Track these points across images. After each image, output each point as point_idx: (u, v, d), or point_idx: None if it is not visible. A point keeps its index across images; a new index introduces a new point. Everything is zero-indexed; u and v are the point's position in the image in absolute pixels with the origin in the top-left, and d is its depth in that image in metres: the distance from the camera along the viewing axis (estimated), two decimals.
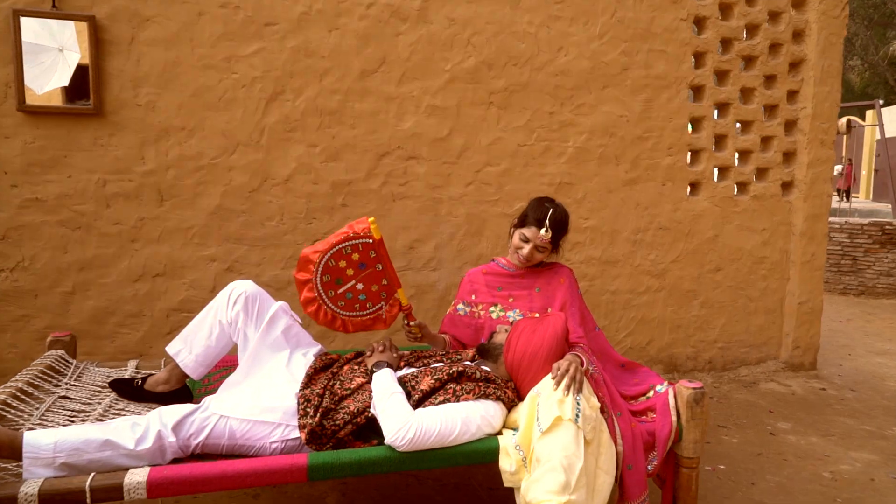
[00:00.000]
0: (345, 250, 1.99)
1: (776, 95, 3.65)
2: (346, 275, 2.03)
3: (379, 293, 2.10)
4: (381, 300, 2.11)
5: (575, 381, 1.69)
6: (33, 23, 2.52)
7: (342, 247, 1.99)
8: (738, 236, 3.69)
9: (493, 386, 1.80)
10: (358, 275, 2.04)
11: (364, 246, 2.00)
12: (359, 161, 2.97)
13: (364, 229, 1.98)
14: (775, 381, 3.74)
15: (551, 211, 2.00)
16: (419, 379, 1.84)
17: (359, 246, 1.99)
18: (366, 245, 2.00)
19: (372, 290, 2.08)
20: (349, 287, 2.04)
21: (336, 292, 2.04)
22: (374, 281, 2.07)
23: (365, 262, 2.02)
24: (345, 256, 2.00)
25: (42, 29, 2.53)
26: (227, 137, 2.80)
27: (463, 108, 3.09)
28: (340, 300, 2.06)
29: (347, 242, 1.98)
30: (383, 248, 2.01)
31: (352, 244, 1.99)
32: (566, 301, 2.08)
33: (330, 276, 2.02)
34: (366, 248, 2.00)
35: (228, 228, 2.84)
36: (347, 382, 1.86)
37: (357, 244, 1.99)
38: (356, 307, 2.09)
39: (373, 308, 2.13)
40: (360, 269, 2.03)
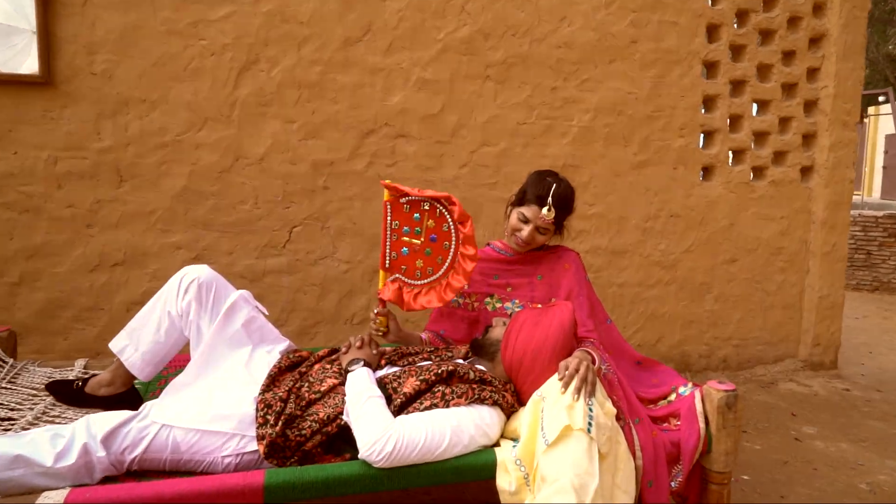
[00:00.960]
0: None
1: (795, 73, 3.38)
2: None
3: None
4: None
5: (586, 383, 1.41)
6: (4, 3, 2.27)
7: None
8: (755, 225, 3.41)
9: (489, 388, 1.52)
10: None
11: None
12: (341, 139, 2.69)
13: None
14: (794, 380, 3.47)
15: (554, 186, 1.72)
16: (402, 380, 1.57)
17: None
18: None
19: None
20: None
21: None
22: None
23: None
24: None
25: (16, 11, 2.27)
26: (194, 111, 2.52)
27: (457, 82, 2.81)
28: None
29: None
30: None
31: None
32: (573, 289, 1.81)
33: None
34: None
35: (196, 212, 2.56)
36: (317, 384, 1.58)
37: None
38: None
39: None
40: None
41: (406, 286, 1.78)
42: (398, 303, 1.78)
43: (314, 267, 2.72)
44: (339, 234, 2.74)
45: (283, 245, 2.68)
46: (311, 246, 2.71)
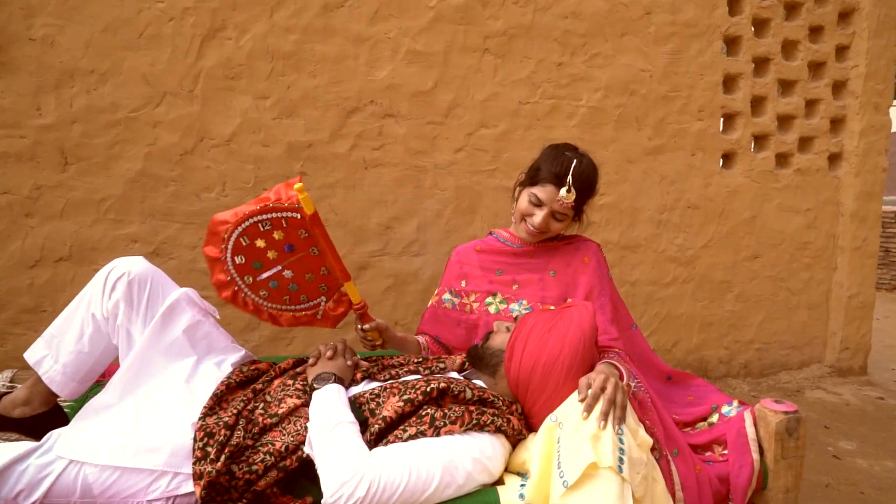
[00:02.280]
0: (262, 225, 1.37)
1: (823, 50, 3.08)
2: (268, 258, 1.42)
3: (317, 285, 1.49)
4: (321, 294, 1.51)
5: (615, 406, 1.10)
6: None
7: (258, 220, 1.36)
8: (779, 217, 3.11)
9: (490, 411, 1.21)
10: (284, 259, 1.42)
11: (290, 222, 1.37)
12: (321, 118, 2.38)
13: (291, 199, 1.35)
14: (822, 388, 3.17)
15: (575, 163, 1.41)
16: (382, 400, 1.25)
17: (282, 221, 1.37)
18: (292, 221, 1.37)
19: (306, 280, 1.47)
20: (273, 274, 1.44)
21: (255, 279, 1.43)
22: (308, 269, 1.46)
23: (293, 243, 1.41)
24: (262, 234, 1.38)
25: None
26: (151, 84, 2.20)
27: (451, 55, 2.50)
28: (262, 288, 1.46)
29: (266, 216, 1.36)
30: (319, 226, 1.38)
31: (272, 218, 1.36)
32: (593, 288, 1.49)
33: (245, 258, 1.42)
34: (293, 224, 1.38)
35: (154, 200, 2.24)
36: (274, 405, 1.26)
37: (280, 219, 1.37)
38: (285, 299, 1.49)
39: (309, 303, 1.52)
40: (287, 251, 1.42)
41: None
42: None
43: None
44: None
45: None
46: None
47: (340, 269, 1.43)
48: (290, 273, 1.44)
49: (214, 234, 1.39)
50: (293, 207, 1.34)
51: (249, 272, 1.43)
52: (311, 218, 1.35)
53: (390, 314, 2.54)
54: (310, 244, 1.41)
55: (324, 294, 1.51)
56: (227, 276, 1.43)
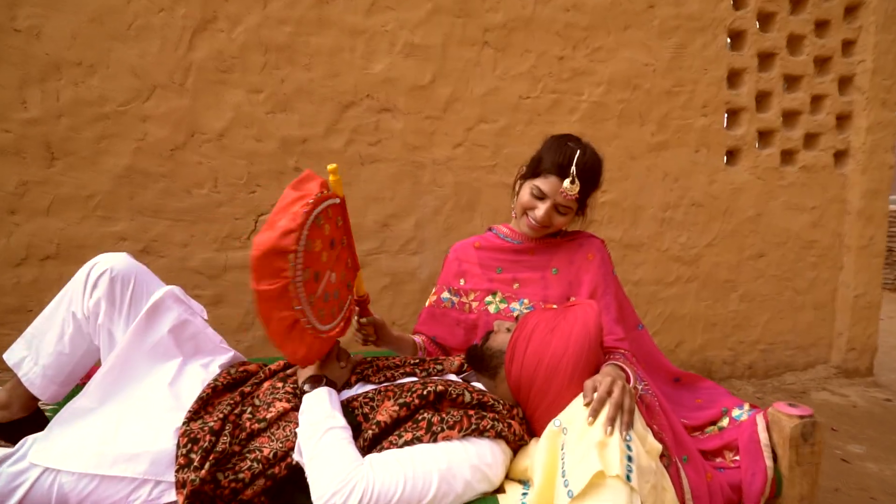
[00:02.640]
0: (317, 222, 1.12)
1: (829, 45, 3.01)
2: (321, 262, 1.15)
3: (345, 283, 1.30)
4: (349, 291, 1.34)
5: (622, 411, 1.04)
6: None
7: (316, 215, 1.10)
8: (784, 215, 3.05)
9: (490, 415, 1.15)
10: (332, 260, 1.20)
11: (332, 211, 1.18)
12: (316, 112, 2.31)
13: (324, 185, 1.16)
14: (828, 389, 3.11)
15: (579, 153, 1.35)
16: (376, 403, 1.19)
17: (328, 212, 1.16)
18: (333, 210, 1.19)
19: (341, 281, 1.26)
20: (326, 282, 1.17)
21: (316, 294, 1.14)
22: (341, 265, 1.26)
23: (335, 236, 1.21)
24: (317, 231, 1.12)
25: None
26: (140, 77, 2.13)
27: (450, 48, 2.44)
28: (321, 308, 1.17)
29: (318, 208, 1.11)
30: (346, 211, 1.26)
31: (322, 209, 1.13)
32: (597, 286, 1.43)
33: (310, 271, 1.11)
34: (333, 214, 1.19)
35: (143, 197, 2.18)
36: (263, 409, 1.20)
37: (325, 210, 1.14)
38: (333, 312, 1.23)
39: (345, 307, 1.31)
40: (332, 247, 1.19)
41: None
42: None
43: None
44: None
45: (248, 236, 2.29)
46: None
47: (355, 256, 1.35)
48: (334, 276, 1.22)
49: (278, 255, 1.04)
50: (332, 193, 1.18)
51: (312, 288, 1.12)
52: (343, 202, 1.24)
53: (387, 314, 2.47)
54: (343, 234, 1.26)
55: (350, 291, 1.34)
56: (292, 310, 1.08)
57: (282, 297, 1.05)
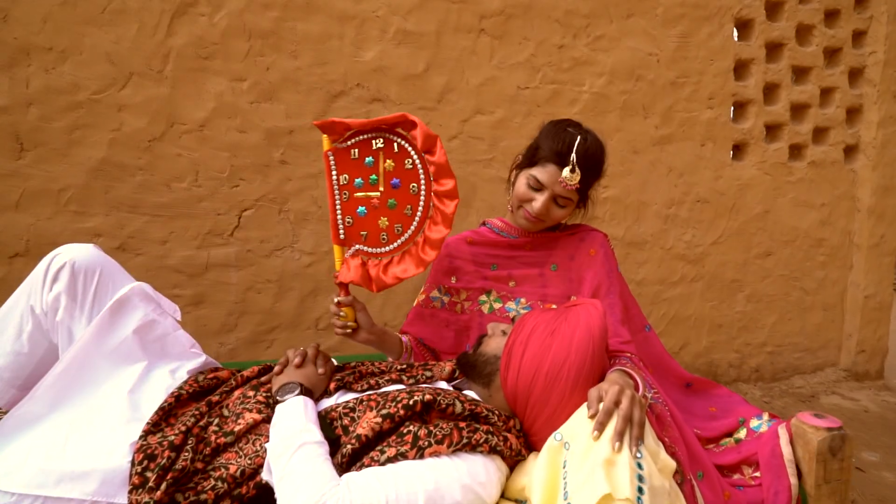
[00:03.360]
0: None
1: (839, 36, 2.91)
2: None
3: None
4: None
5: (632, 424, 0.92)
6: None
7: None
8: (793, 213, 2.94)
9: (483, 428, 1.03)
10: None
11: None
12: (303, 102, 2.20)
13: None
14: (838, 393, 3.00)
15: (579, 139, 1.23)
16: (357, 414, 1.07)
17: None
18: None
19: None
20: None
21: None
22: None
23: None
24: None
25: None
26: (116, 64, 2.01)
27: (444, 36, 2.32)
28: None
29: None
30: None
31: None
32: (600, 284, 1.32)
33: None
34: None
35: (119, 191, 2.06)
36: (231, 421, 1.08)
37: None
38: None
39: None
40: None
41: (371, 258, 1.30)
42: (363, 283, 1.28)
43: (269, 259, 2.22)
44: (300, 219, 2.24)
45: (231, 232, 2.18)
46: (266, 234, 2.21)
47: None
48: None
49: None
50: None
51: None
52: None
53: (379, 315, 2.35)
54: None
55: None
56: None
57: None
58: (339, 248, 1.28)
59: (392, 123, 1.23)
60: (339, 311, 1.28)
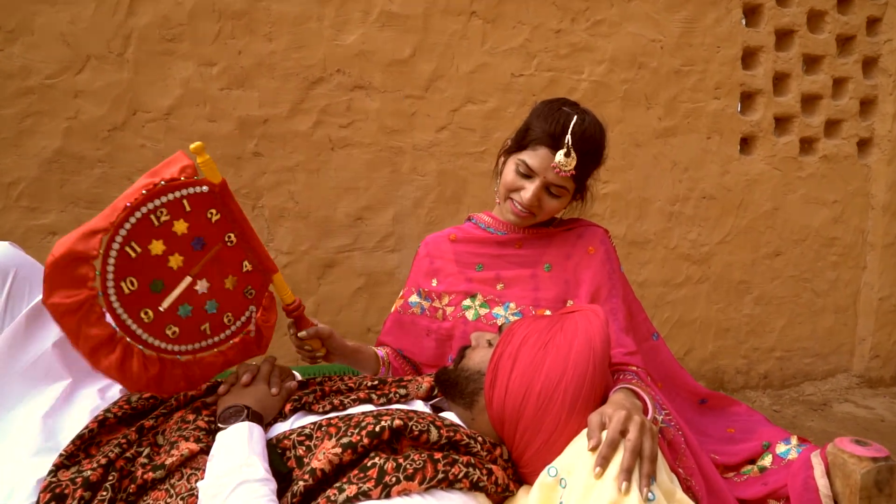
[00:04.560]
0: (155, 217, 0.94)
1: (853, 23, 2.75)
2: (170, 269, 0.98)
3: (241, 291, 1.06)
4: (249, 302, 1.08)
5: (641, 459, 0.76)
6: None
7: (147, 212, 0.94)
8: (804, 210, 2.78)
9: (463, 459, 0.86)
10: (193, 263, 1.00)
11: (193, 201, 0.97)
12: (279, 89, 2.03)
13: (187, 171, 0.97)
14: (851, 401, 2.83)
15: (575, 119, 1.07)
16: (315, 443, 0.90)
17: (183, 204, 0.96)
18: (196, 199, 0.97)
19: (226, 290, 1.04)
20: (183, 291, 0.99)
21: (156, 312, 0.97)
22: (227, 269, 1.04)
23: (202, 234, 1.00)
24: (158, 231, 0.96)
25: None
26: (71, 46, 1.85)
27: (433, 19, 2.16)
28: (169, 324, 0.99)
29: (158, 200, 0.94)
30: (232, 201, 1.01)
31: (167, 202, 0.95)
32: (601, 287, 1.15)
33: (137, 282, 0.95)
34: (198, 204, 0.98)
35: (76, 185, 1.89)
36: (164, 452, 0.91)
37: (179, 200, 0.96)
38: (204, 330, 1.04)
39: (236, 322, 1.07)
40: (196, 249, 1.00)
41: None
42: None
43: None
44: (275, 215, 2.08)
45: None
46: None
47: (265, 256, 1.07)
48: (204, 285, 1.01)
49: (74, 263, 0.88)
50: (191, 179, 0.96)
51: (146, 303, 0.96)
52: (221, 188, 0.98)
53: (361, 320, 2.19)
54: (224, 230, 1.01)
55: (252, 301, 1.09)
56: (102, 330, 0.91)
57: (88, 312, 0.88)
58: (281, 276, 1.10)
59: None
60: (303, 344, 1.11)
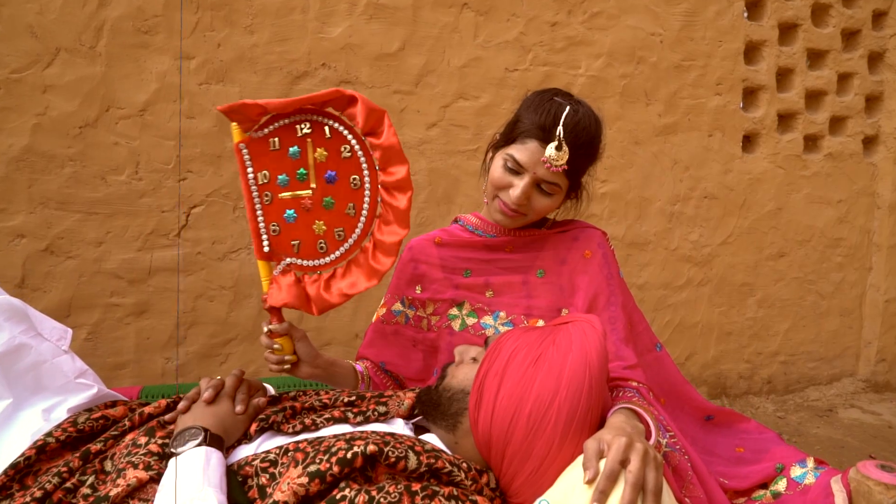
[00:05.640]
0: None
1: (858, 16, 2.66)
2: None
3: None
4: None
5: (644, 493, 0.67)
6: None
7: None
8: (808, 210, 2.70)
9: (444, 491, 0.76)
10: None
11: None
12: (260, 84, 1.94)
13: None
14: (857, 406, 2.75)
15: (568, 110, 0.97)
16: (280, 469, 0.81)
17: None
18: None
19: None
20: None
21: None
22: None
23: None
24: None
25: None
26: (40, 38, 1.75)
27: (422, 10, 2.07)
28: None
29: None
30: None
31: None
32: (598, 293, 1.06)
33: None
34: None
35: (46, 185, 1.79)
36: (111, 481, 0.81)
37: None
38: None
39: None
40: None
41: (307, 273, 1.03)
42: (301, 306, 1.02)
43: (223, 263, 1.96)
44: None
45: (178, 232, 1.91)
46: (219, 233, 1.94)
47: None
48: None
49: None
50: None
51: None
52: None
53: (348, 327, 2.10)
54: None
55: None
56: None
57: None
58: (266, 263, 1.01)
59: (321, 102, 0.96)
60: (272, 342, 1.01)
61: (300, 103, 0.96)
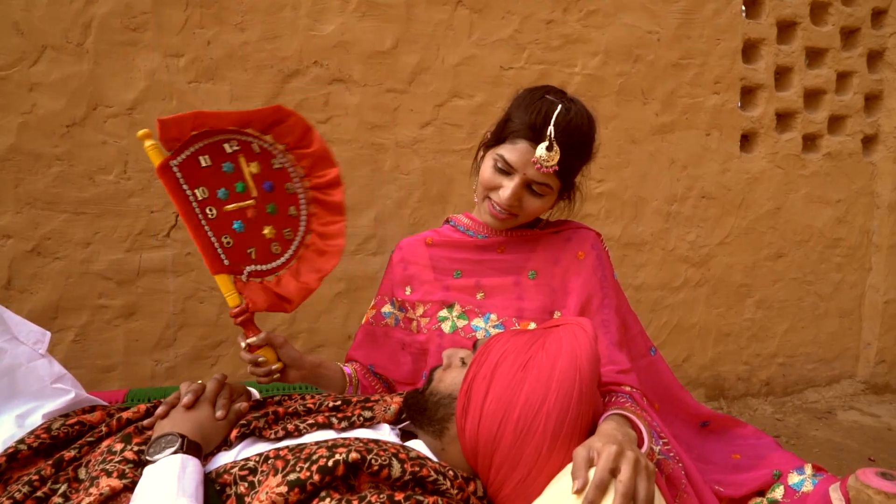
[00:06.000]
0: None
1: (857, 14, 2.64)
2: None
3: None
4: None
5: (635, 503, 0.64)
6: None
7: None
8: (806, 210, 2.67)
9: (429, 500, 0.74)
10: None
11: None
12: (251, 82, 1.91)
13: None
14: (856, 408, 2.73)
15: (560, 108, 0.95)
16: (259, 478, 0.78)
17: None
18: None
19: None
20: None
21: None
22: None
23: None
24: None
25: None
26: (26, 35, 1.72)
27: (416, 8, 2.04)
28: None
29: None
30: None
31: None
32: (591, 296, 1.03)
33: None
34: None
35: (32, 185, 1.76)
36: (83, 490, 0.78)
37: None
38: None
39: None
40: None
41: (268, 276, 1.02)
42: (275, 307, 1.00)
43: None
44: None
45: (167, 233, 1.88)
46: None
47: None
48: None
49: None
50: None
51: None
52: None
53: (341, 328, 2.07)
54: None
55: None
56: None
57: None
58: (225, 277, 0.98)
59: (243, 121, 0.95)
60: (255, 356, 0.98)
61: (228, 122, 0.94)
